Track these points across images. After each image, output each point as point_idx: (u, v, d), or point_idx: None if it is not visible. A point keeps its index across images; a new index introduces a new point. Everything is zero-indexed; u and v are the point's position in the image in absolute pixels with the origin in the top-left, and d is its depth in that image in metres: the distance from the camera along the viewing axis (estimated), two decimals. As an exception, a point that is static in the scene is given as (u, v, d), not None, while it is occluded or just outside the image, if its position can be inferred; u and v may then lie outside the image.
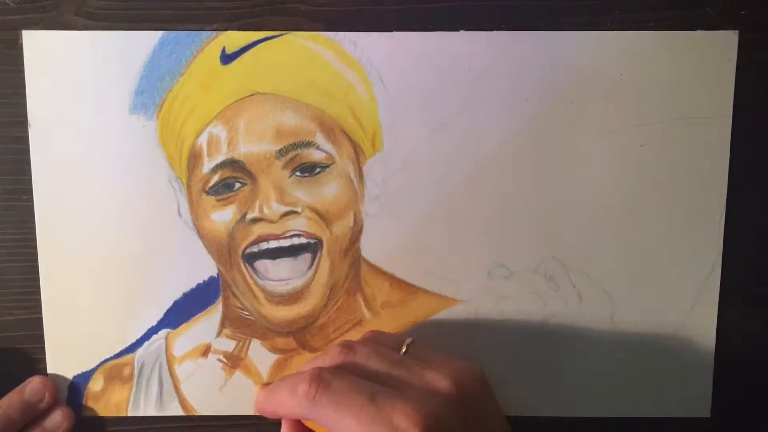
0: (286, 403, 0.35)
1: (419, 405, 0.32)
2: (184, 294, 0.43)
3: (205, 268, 0.43)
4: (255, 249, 0.42)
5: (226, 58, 0.41)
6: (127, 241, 0.43)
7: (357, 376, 0.34)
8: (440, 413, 0.33)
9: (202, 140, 0.42)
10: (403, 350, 0.37)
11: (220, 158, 0.42)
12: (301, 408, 0.34)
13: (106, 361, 0.44)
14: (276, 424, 0.44)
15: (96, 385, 0.44)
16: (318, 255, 0.43)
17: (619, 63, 0.41)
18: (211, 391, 0.44)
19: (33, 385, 0.42)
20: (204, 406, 0.44)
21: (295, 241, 0.42)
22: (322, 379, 0.34)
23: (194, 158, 0.42)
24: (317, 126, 0.42)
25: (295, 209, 0.42)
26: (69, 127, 0.42)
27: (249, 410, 0.44)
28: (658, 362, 0.43)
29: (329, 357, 0.37)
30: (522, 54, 0.41)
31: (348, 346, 0.37)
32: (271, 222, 0.42)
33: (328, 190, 0.42)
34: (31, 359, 0.44)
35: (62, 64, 0.41)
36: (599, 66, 0.41)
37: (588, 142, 0.42)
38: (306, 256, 0.43)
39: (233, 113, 0.42)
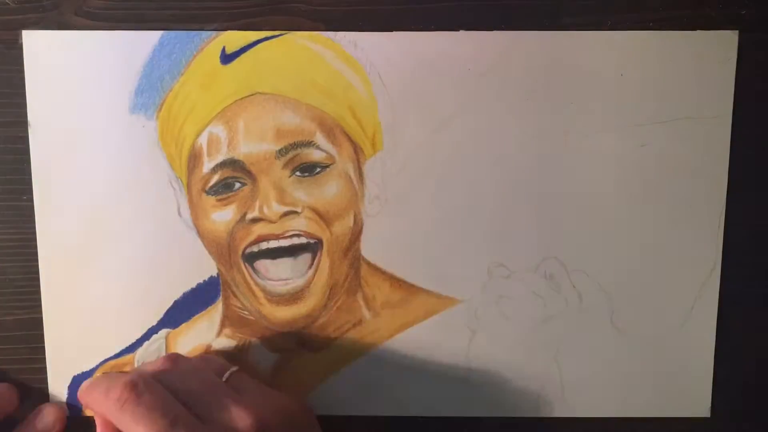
0: (99, 403, 0.36)
1: None
2: (184, 294, 0.43)
3: (205, 268, 0.43)
4: (255, 249, 0.42)
5: (226, 58, 0.41)
6: (126, 241, 0.43)
7: (169, 393, 0.36)
8: None
9: (202, 140, 0.42)
10: (225, 377, 0.38)
11: (220, 158, 0.42)
12: (109, 412, 0.35)
13: (106, 361, 0.44)
14: (276, 424, 0.44)
15: (96, 385, 0.44)
16: (318, 255, 0.43)
17: (619, 63, 0.41)
18: (211, 391, 0.44)
19: (43, 414, 0.43)
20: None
21: (295, 241, 0.42)
22: (134, 387, 0.35)
23: (194, 158, 0.42)
24: (317, 126, 0.42)
25: (295, 209, 0.42)
26: (69, 127, 0.42)
27: (249, 410, 0.44)
28: (658, 362, 0.43)
29: (153, 364, 0.39)
30: (522, 54, 0.41)
31: (172, 358, 0.39)
32: (271, 222, 0.42)
33: (328, 190, 0.42)
34: (31, 359, 0.44)
35: (62, 64, 0.41)
36: (599, 66, 0.41)
37: (588, 142, 0.42)
38: (306, 256, 0.43)
39: (233, 113, 0.42)
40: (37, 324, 0.43)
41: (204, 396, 0.36)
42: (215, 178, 0.42)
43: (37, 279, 0.43)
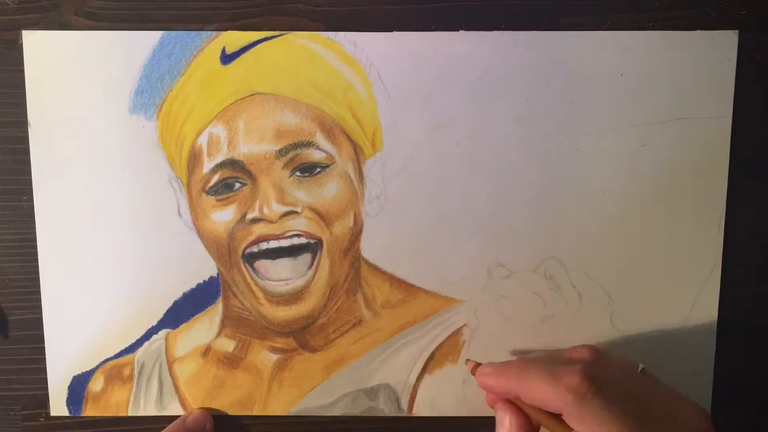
0: (540, 390, 0.35)
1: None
2: (184, 294, 0.43)
3: (205, 268, 0.43)
4: (255, 249, 0.42)
5: (226, 58, 0.41)
6: (127, 241, 0.43)
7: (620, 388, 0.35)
8: None
9: (202, 140, 0.42)
10: (639, 372, 0.38)
11: (220, 158, 0.42)
12: (560, 399, 0.34)
13: (106, 361, 0.44)
14: (274, 424, 0.44)
15: (96, 385, 0.44)
16: (318, 255, 0.43)
17: (619, 63, 0.41)
18: (211, 392, 0.44)
19: (195, 415, 0.43)
20: (204, 407, 0.44)
21: (295, 241, 0.42)
22: (595, 379, 0.34)
23: (194, 158, 0.42)
24: (317, 126, 0.42)
25: (295, 209, 0.42)
26: (69, 127, 0.42)
27: (248, 410, 0.44)
28: (658, 362, 0.43)
29: (577, 353, 0.38)
30: (522, 54, 0.41)
31: (599, 351, 0.38)
32: (271, 222, 0.42)
33: (328, 190, 0.42)
34: (31, 359, 0.44)
35: (62, 64, 0.41)
36: (599, 66, 0.41)
37: (588, 142, 0.42)
38: (306, 256, 0.43)
39: (233, 113, 0.42)
40: (37, 324, 0.43)
41: (643, 391, 0.36)
42: (215, 178, 0.42)
43: (37, 279, 0.43)
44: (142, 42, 0.41)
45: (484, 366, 0.39)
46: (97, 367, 0.44)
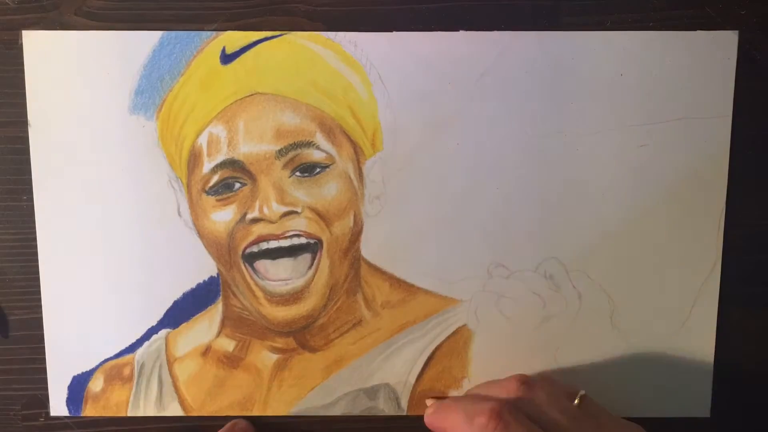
0: (458, 428, 0.37)
1: None
2: (184, 294, 0.43)
3: (205, 268, 0.43)
4: (255, 249, 0.42)
5: (226, 58, 0.41)
6: (127, 241, 0.43)
7: (533, 423, 0.35)
8: None
9: (202, 140, 0.42)
10: (576, 402, 0.38)
11: (220, 158, 0.42)
12: None
13: (106, 361, 0.44)
14: (274, 424, 0.44)
15: (96, 385, 0.44)
16: (318, 255, 0.43)
17: (619, 63, 0.41)
18: (211, 392, 0.44)
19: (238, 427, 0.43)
20: (204, 407, 0.44)
21: (295, 241, 0.42)
22: (502, 418, 0.35)
23: (194, 158, 0.42)
24: (317, 126, 0.42)
25: (295, 209, 0.42)
26: (69, 127, 0.42)
27: (248, 410, 0.44)
28: (658, 362, 0.43)
29: (506, 388, 0.38)
30: (522, 54, 0.41)
31: (527, 383, 0.38)
32: (271, 222, 0.42)
33: (328, 190, 0.42)
34: (31, 359, 0.44)
35: (62, 64, 0.41)
36: (599, 66, 0.41)
37: (588, 142, 0.42)
38: (306, 256, 0.43)
39: (233, 113, 0.42)
40: (37, 324, 0.43)
41: (569, 424, 0.36)
42: (215, 178, 0.42)
43: (37, 279, 0.43)
44: (142, 42, 0.41)
45: (429, 406, 0.40)
46: (97, 367, 0.44)
